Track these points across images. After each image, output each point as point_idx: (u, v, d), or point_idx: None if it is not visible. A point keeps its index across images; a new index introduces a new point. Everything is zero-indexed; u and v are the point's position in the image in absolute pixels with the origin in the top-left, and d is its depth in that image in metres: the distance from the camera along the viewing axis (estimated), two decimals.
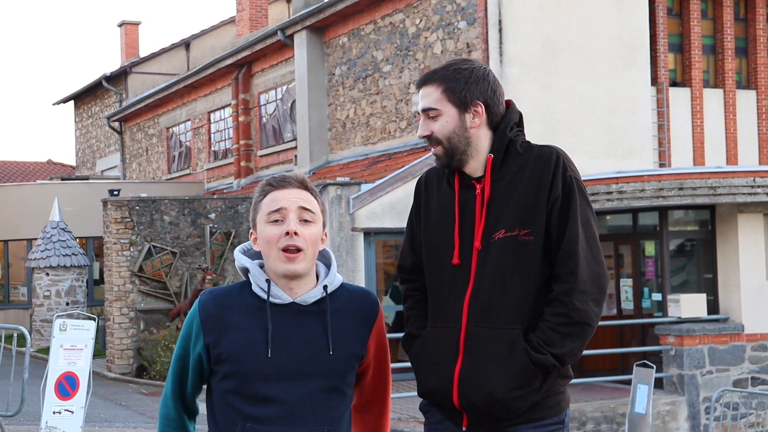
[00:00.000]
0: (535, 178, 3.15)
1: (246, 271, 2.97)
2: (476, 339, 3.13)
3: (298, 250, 2.85)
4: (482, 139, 3.23)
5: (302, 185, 2.92)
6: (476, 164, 3.23)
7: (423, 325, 3.31)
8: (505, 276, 3.12)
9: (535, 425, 3.14)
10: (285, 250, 2.84)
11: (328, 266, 3.01)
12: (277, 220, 2.87)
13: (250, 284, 2.94)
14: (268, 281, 2.90)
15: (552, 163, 3.16)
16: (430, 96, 3.23)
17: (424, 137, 3.27)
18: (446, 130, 3.20)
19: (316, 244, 2.91)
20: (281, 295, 2.89)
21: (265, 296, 2.89)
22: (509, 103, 3.31)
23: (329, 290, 2.95)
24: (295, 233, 2.84)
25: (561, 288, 3.10)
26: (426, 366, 3.25)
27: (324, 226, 2.97)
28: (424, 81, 3.28)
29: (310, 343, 2.88)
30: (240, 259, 2.98)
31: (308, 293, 2.91)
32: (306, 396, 2.86)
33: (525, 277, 3.13)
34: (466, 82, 3.21)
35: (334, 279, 2.98)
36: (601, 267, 3.15)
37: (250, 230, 2.98)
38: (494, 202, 3.18)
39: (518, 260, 3.12)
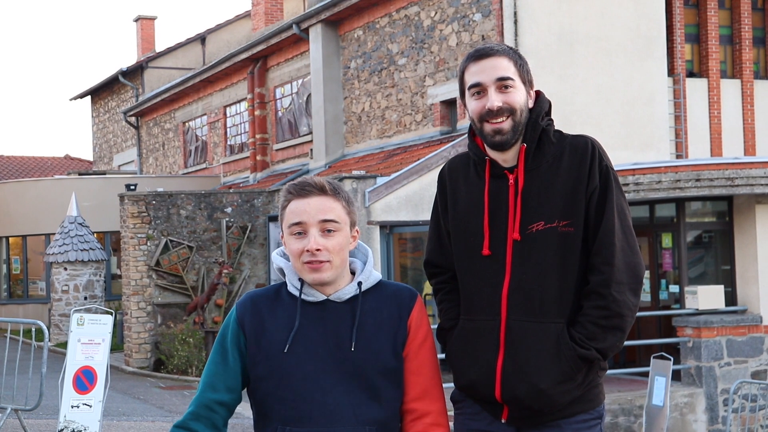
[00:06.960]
0: (573, 169, 3.09)
1: (281, 271, 2.93)
2: (519, 333, 3.07)
3: (321, 262, 2.78)
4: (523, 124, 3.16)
5: (323, 192, 2.81)
6: (509, 153, 3.15)
7: (454, 317, 3.25)
8: (547, 269, 3.06)
9: (575, 419, 3.11)
10: (308, 263, 2.78)
11: (366, 262, 2.93)
12: (299, 233, 2.79)
13: (287, 284, 2.90)
14: (300, 280, 2.84)
15: (588, 153, 3.10)
16: (504, 68, 3.11)
17: (497, 108, 3.09)
18: (521, 102, 3.11)
19: (343, 251, 2.83)
20: (314, 293, 2.83)
21: (298, 294, 2.84)
22: (539, 93, 3.23)
23: (364, 287, 2.87)
24: (317, 249, 2.77)
25: (598, 279, 3.05)
26: (464, 359, 3.18)
27: (354, 225, 2.88)
28: (493, 52, 3.13)
29: (338, 340, 2.80)
30: (276, 260, 2.93)
31: (342, 290, 2.84)
32: (333, 396, 2.76)
33: (566, 269, 3.07)
34: (526, 63, 3.18)
35: (370, 275, 2.90)
36: (637, 256, 3.11)
37: (282, 233, 2.88)
38: (529, 193, 3.10)
39: (559, 252, 3.07)
